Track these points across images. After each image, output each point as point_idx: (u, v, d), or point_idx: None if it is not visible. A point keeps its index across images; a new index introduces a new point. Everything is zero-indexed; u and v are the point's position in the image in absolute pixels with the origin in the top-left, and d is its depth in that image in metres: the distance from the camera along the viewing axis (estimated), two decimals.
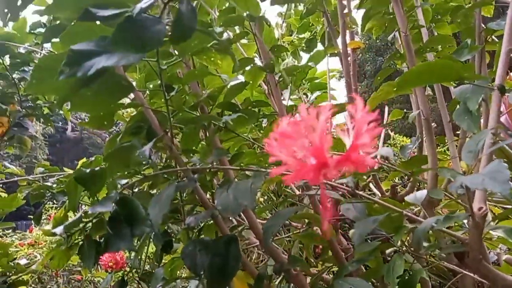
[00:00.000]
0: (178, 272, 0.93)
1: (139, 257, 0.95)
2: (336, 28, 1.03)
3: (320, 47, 1.22)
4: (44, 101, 1.50)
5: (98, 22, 0.53)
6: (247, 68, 0.84)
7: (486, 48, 0.86)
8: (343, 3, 1.01)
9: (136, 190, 0.77)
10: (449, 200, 0.79)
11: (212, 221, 0.77)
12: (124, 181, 0.72)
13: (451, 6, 1.00)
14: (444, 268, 0.73)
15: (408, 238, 0.73)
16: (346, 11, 1.04)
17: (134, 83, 0.94)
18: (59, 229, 0.68)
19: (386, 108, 1.54)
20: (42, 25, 1.34)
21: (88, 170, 0.63)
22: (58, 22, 0.66)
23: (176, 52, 0.65)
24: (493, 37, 0.92)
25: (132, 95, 0.72)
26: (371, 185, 1.18)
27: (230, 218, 0.89)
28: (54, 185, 1.10)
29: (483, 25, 0.88)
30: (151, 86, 0.79)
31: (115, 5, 0.51)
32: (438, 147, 1.28)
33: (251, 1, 0.59)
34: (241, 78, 0.86)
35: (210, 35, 0.56)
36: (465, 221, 0.63)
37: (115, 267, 1.23)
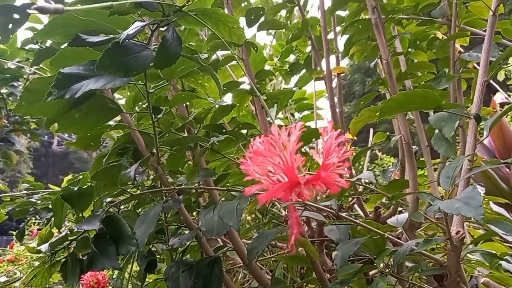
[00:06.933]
0: None
1: (122, 276, 0.94)
2: (321, 53, 1.06)
3: (303, 70, 1.25)
4: (31, 116, 1.49)
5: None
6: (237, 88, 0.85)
7: (462, 76, 0.90)
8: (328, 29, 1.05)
9: (122, 208, 0.77)
10: (430, 223, 0.80)
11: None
12: (110, 199, 0.73)
13: (428, 34, 1.05)
14: None
15: (391, 259, 0.74)
16: (332, 36, 1.08)
17: (123, 100, 0.94)
18: (44, 247, 0.67)
19: (371, 130, 1.57)
20: (34, 41, 1.35)
21: (75, 189, 0.64)
22: (48, 42, 0.67)
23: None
24: (474, 65, 0.96)
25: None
26: (356, 206, 1.19)
27: (216, 238, 0.89)
28: (38, 202, 1.09)
29: (461, 49, 0.92)
30: (140, 104, 0.80)
31: (104, 32, 0.52)
32: (421, 170, 1.31)
33: (234, 31, 0.60)
34: (228, 99, 0.87)
35: (195, 60, 0.58)
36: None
37: (97, 287, 1.20)
